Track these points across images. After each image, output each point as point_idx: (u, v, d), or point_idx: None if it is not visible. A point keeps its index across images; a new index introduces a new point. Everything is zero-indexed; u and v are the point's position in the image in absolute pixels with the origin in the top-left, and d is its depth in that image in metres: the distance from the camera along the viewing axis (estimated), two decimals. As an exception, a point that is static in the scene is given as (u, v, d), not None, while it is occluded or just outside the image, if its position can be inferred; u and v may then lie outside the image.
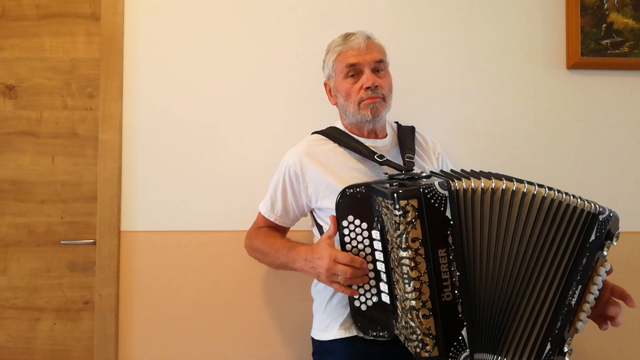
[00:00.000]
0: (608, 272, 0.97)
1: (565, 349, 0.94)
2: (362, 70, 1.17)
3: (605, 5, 1.54)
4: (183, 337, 1.51)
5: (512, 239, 0.95)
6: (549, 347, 0.94)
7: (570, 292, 0.93)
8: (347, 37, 1.20)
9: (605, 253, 0.94)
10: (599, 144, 1.57)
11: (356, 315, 1.06)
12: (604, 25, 1.54)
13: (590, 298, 0.94)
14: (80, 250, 1.58)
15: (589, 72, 1.57)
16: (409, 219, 0.90)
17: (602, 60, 1.54)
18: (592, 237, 0.93)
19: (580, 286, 0.93)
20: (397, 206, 0.90)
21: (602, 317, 0.99)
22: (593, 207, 0.93)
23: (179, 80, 1.55)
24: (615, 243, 0.94)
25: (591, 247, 0.93)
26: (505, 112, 1.56)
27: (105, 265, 1.51)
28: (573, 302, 0.93)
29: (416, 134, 1.31)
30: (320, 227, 1.23)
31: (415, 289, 0.90)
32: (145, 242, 1.52)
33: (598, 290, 0.95)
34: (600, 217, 0.93)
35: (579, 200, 0.94)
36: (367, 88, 1.16)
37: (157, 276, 1.52)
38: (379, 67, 1.19)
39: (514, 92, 1.57)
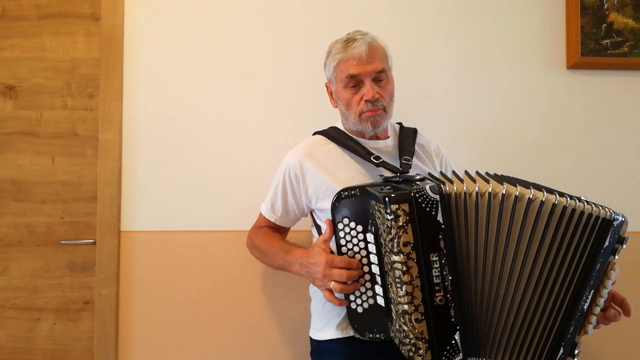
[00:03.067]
0: None
1: (576, 351, 0.93)
2: (362, 81, 1.15)
3: (605, 5, 1.54)
4: (183, 337, 1.51)
5: (517, 245, 0.91)
6: (561, 351, 0.93)
7: (584, 298, 0.92)
8: (348, 42, 1.16)
9: (616, 257, 0.92)
10: (599, 144, 1.57)
11: (353, 318, 1.06)
12: (604, 25, 1.54)
13: (601, 302, 0.93)
14: (80, 250, 1.58)
15: (589, 72, 1.57)
16: (400, 224, 0.89)
17: (602, 60, 1.54)
18: (606, 243, 0.90)
19: (592, 291, 0.92)
20: (389, 210, 0.90)
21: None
22: (608, 213, 0.90)
23: (179, 80, 1.55)
24: (624, 247, 0.93)
25: (605, 253, 0.91)
26: (505, 112, 1.56)
27: (105, 265, 1.51)
28: (585, 307, 0.92)
29: (418, 136, 1.30)
30: (319, 228, 1.23)
31: (407, 293, 0.90)
32: (145, 242, 1.52)
33: (607, 293, 0.94)
34: (615, 223, 0.90)
35: (593, 207, 0.91)
36: (367, 101, 1.14)
37: (157, 276, 1.52)
38: (380, 76, 1.16)
39: (514, 92, 1.57)
